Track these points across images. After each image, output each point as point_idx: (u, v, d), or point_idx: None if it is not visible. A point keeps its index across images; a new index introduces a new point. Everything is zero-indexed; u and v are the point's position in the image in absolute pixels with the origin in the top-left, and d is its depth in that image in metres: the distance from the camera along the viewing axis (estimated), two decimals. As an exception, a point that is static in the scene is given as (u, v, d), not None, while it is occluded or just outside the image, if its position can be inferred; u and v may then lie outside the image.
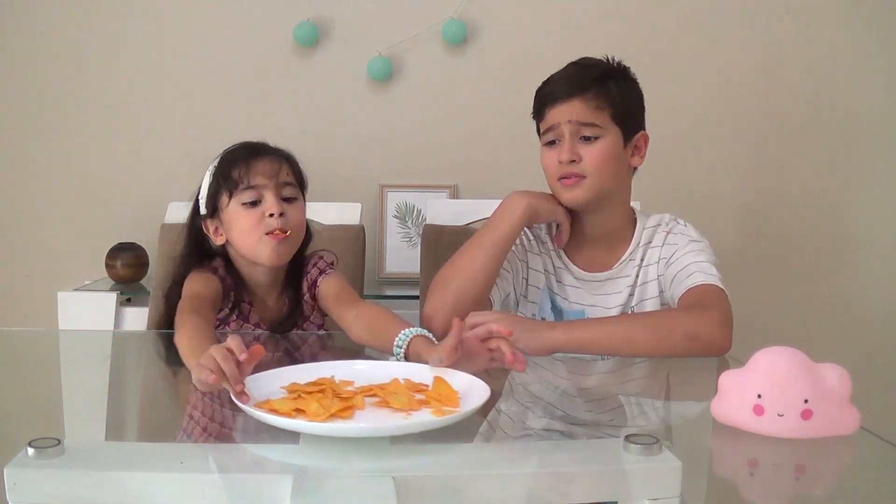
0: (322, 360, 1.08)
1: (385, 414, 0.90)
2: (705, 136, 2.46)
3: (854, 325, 2.52)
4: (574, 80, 1.47)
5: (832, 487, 0.88)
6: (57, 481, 0.71)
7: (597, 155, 1.45)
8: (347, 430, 0.84)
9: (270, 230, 1.40)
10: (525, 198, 1.48)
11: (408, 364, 1.07)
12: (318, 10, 2.38)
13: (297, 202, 1.46)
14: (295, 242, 1.46)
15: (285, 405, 0.88)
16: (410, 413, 0.89)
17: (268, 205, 1.41)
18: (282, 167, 1.45)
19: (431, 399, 0.94)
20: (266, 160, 1.44)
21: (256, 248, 1.42)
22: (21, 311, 2.41)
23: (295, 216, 1.44)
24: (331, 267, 1.55)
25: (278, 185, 1.43)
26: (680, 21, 2.44)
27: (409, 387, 0.98)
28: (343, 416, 0.87)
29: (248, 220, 1.41)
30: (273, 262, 1.44)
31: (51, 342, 1.59)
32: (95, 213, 2.41)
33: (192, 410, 1.07)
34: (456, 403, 0.92)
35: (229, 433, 0.96)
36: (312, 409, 0.86)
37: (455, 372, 1.02)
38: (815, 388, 0.90)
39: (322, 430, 0.83)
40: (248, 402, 0.89)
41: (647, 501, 0.75)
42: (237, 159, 1.44)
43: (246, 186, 1.41)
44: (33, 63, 2.39)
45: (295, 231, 1.44)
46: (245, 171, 1.42)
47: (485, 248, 1.45)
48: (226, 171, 1.44)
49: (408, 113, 2.44)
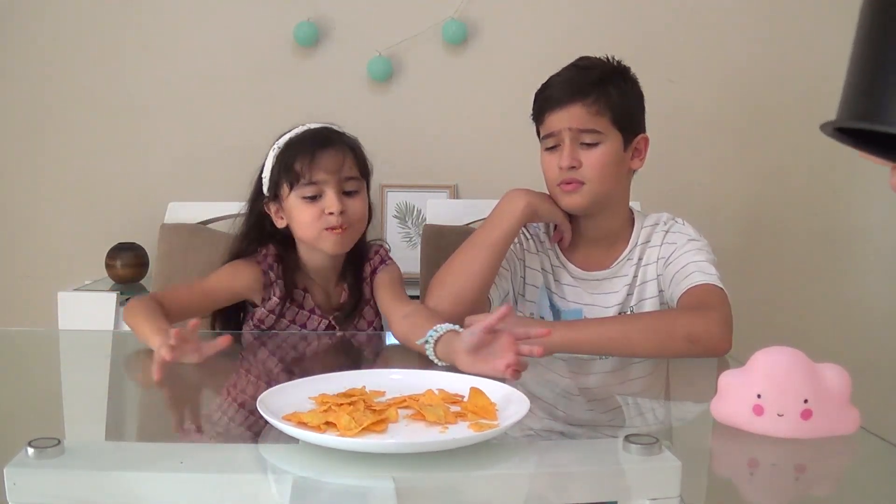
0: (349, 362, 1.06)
1: (420, 428, 0.85)
2: (705, 136, 2.46)
3: (854, 325, 2.52)
4: (574, 84, 1.45)
5: (832, 487, 0.88)
6: (57, 481, 0.71)
7: (596, 161, 1.44)
8: (381, 446, 0.79)
9: (330, 226, 1.42)
10: (524, 197, 1.48)
11: (443, 373, 1.02)
12: (318, 10, 2.38)
13: (359, 195, 1.46)
14: (356, 233, 1.47)
15: (315, 418, 0.83)
16: (447, 427, 0.85)
17: (328, 201, 1.41)
18: (345, 161, 1.44)
19: (468, 411, 0.89)
20: (329, 154, 1.42)
21: (317, 241, 1.44)
22: (21, 311, 2.41)
23: (356, 210, 1.44)
24: (390, 258, 1.57)
25: (340, 181, 1.43)
26: (680, 21, 2.44)
27: (444, 398, 0.93)
28: (376, 430, 0.82)
29: (309, 215, 1.42)
30: (335, 252, 1.46)
31: (51, 342, 1.59)
32: (95, 213, 2.41)
33: (189, 411, 1.08)
34: (494, 416, 0.88)
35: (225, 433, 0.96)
36: (343, 423, 0.81)
37: (492, 382, 0.97)
38: (815, 388, 0.90)
39: (355, 445, 0.77)
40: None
41: (646, 501, 0.75)
42: (300, 152, 1.43)
43: (307, 182, 1.41)
44: (33, 63, 2.39)
45: (356, 224, 1.45)
46: (307, 165, 1.41)
47: (483, 248, 1.45)
48: (288, 162, 1.43)
49: (408, 113, 2.43)
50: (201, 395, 1.20)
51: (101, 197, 2.41)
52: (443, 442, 0.80)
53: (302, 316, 1.50)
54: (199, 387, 1.21)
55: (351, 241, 1.46)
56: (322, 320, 1.51)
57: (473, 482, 0.73)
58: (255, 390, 0.99)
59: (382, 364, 1.44)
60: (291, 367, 1.38)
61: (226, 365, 1.31)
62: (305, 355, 1.44)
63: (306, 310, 1.50)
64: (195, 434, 0.89)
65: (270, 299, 1.47)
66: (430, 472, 0.74)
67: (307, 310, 1.50)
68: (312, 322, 1.50)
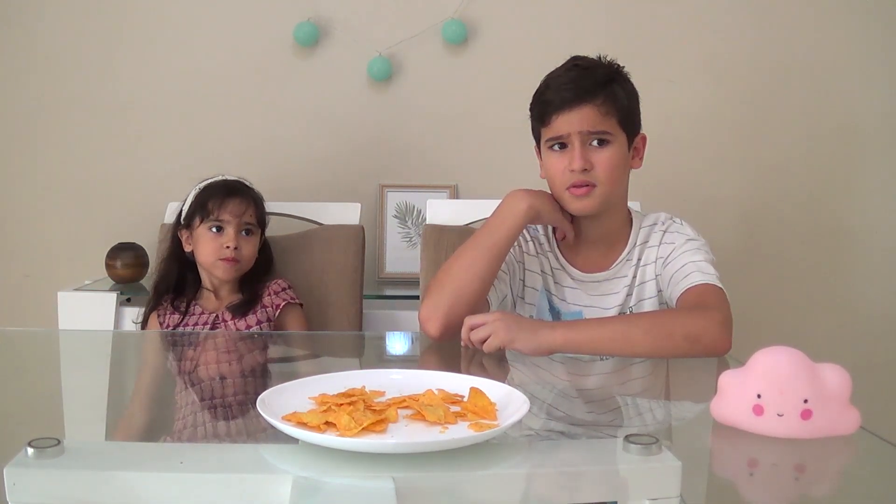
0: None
1: (420, 428, 0.85)
2: (705, 136, 2.46)
3: (854, 325, 2.52)
4: (581, 85, 1.43)
5: (832, 487, 0.88)
6: (57, 481, 0.71)
7: (607, 162, 1.43)
8: (381, 446, 0.79)
9: (225, 257, 1.78)
10: (526, 199, 1.46)
11: (442, 373, 1.02)
12: (318, 10, 2.38)
13: (253, 237, 1.84)
14: (245, 266, 1.83)
15: (314, 418, 0.83)
16: (447, 427, 0.85)
17: (227, 238, 1.79)
18: (247, 209, 1.82)
19: (468, 411, 0.89)
20: (235, 201, 1.80)
21: (213, 267, 1.80)
22: (21, 311, 2.41)
23: (248, 248, 1.82)
24: (295, 300, 1.87)
25: (240, 224, 1.80)
26: (680, 21, 2.44)
27: (443, 398, 0.93)
28: (376, 430, 0.82)
29: (211, 245, 1.79)
30: (225, 278, 1.82)
31: (51, 342, 1.59)
32: (95, 213, 2.41)
33: (188, 412, 1.07)
34: (494, 416, 0.88)
35: (225, 433, 0.96)
36: (343, 423, 0.81)
37: (492, 382, 0.97)
38: (815, 388, 0.90)
39: (354, 445, 0.77)
40: None
41: (646, 501, 0.75)
42: (214, 195, 1.81)
43: (215, 219, 1.79)
44: (33, 63, 2.39)
45: (244, 260, 1.82)
46: (217, 206, 1.79)
47: (483, 251, 1.43)
48: (203, 201, 1.81)
49: (408, 113, 2.44)
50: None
51: (101, 197, 2.41)
52: (443, 442, 0.80)
53: (198, 318, 1.82)
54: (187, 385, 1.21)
55: (239, 271, 1.82)
56: (212, 315, 1.82)
57: (473, 482, 0.73)
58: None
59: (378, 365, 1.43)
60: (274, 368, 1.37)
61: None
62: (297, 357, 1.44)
63: (195, 314, 1.83)
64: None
65: (168, 318, 1.84)
66: (430, 472, 0.74)
67: (196, 314, 1.83)
68: (204, 319, 1.82)
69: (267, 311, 1.83)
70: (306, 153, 2.43)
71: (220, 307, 1.84)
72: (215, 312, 1.82)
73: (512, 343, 1.27)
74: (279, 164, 2.41)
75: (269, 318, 1.82)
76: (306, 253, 2.01)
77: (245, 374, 1.29)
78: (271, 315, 1.83)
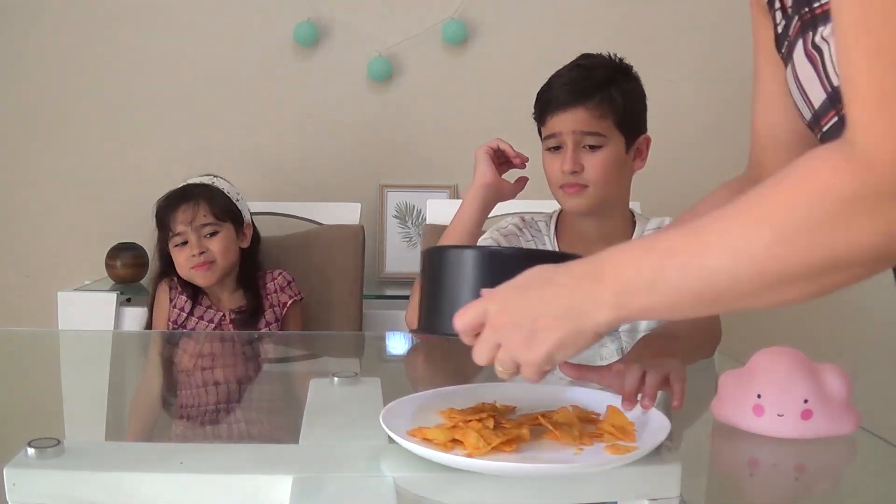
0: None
1: (553, 448, 0.79)
2: (706, 137, 2.46)
3: (854, 325, 2.52)
4: (577, 86, 1.44)
5: (832, 487, 0.88)
6: (57, 481, 0.71)
7: (599, 164, 1.43)
8: (513, 469, 0.74)
9: (195, 265, 1.75)
10: (475, 181, 1.43)
11: (577, 389, 0.95)
12: (318, 10, 2.38)
13: (219, 234, 1.78)
14: (225, 263, 1.78)
15: (441, 434, 0.78)
16: (582, 448, 0.79)
17: (190, 246, 1.76)
18: (198, 211, 1.76)
19: (604, 431, 0.83)
20: (183, 209, 1.76)
21: (191, 277, 1.78)
22: (21, 311, 2.41)
23: (216, 247, 1.77)
24: (299, 296, 1.86)
25: (197, 228, 1.76)
26: (680, 21, 2.44)
27: (578, 415, 0.86)
28: (506, 450, 0.77)
29: (180, 258, 1.77)
30: (206, 284, 1.79)
31: (51, 342, 1.59)
32: (95, 213, 2.41)
33: (188, 412, 1.08)
34: (632, 438, 0.82)
35: (225, 433, 0.96)
36: (472, 442, 0.76)
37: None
38: (815, 388, 0.90)
39: (484, 468, 0.73)
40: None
41: (646, 501, 0.75)
42: (165, 209, 1.79)
43: (174, 233, 1.77)
44: (33, 63, 2.38)
45: (219, 257, 1.77)
46: (171, 220, 1.77)
47: (453, 240, 1.41)
48: (160, 218, 1.80)
49: (408, 113, 2.43)
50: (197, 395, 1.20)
51: (101, 197, 2.41)
52: (578, 466, 0.76)
53: (204, 311, 1.81)
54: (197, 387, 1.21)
55: (218, 272, 1.78)
56: (218, 313, 1.81)
57: (473, 482, 0.73)
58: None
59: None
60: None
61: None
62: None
63: (203, 305, 1.82)
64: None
65: (176, 298, 1.82)
66: (430, 471, 0.74)
67: (204, 306, 1.82)
68: (210, 314, 1.81)
69: (275, 310, 1.83)
70: (306, 153, 2.43)
71: (225, 305, 1.83)
72: (221, 312, 1.82)
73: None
74: (279, 163, 2.41)
75: (277, 318, 1.83)
76: (306, 253, 2.01)
77: (243, 375, 1.29)
78: (278, 314, 1.84)
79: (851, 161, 0.57)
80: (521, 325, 0.71)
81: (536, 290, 0.72)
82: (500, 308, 0.73)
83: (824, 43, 0.74)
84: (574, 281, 0.71)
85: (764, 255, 0.61)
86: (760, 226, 0.61)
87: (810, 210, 0.59)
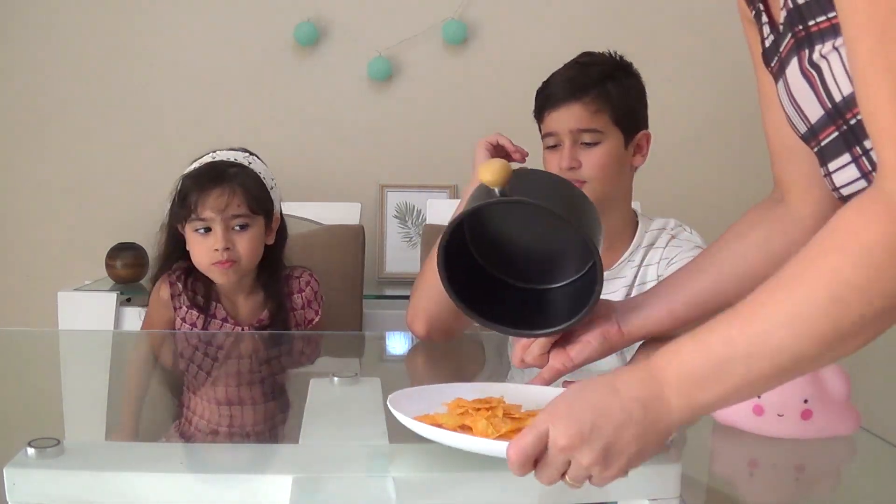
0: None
1: None
2: (707, 137, 2.46)
3: (854, 325, 2.51)
4: (573, 83, 1.45)
5: (832, 487, 0.88)
6: (57, 481, 0.71)
7: (596, 161, 1.44)
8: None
9: (217, 261, 1.50)
10: (475, 176, 1.41)
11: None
12: (318, 10, 2.38)
13: (248, 230, 1.53)
14: (247, 265, 1.55)
15: (450, 420, 0.78)
16: None
17: (215, 238, 1.50)
18: (232, 199, 1.51)
19: None
20: (216, 193, 1.50)
21: (208, 272, 1.54)
22: (21, 311, 2.41)
23: (244, 245, 1.52)
24: (320, 310, 1.65)
25: (227, 218, 1.50)
26: (680, 21, 2.44)
27: None
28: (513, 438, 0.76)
29: (200, 248, 1.52)
30: (223, 283, 1.55)
31: (51, 342, 1.59)
32: (95, 213, 2.41)
33: (187, 413, 1.07)
34: None
35: (225, 433, 0.96)
36: (480, 427, 0.76)
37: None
38: (815, 388, 0.90)
39: (492, 448, 0.72)
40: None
41: (646, 501, 0.75)
42: (192, 188, 1.52)
43: (197, 217, 1.51)
44: (33, 63, 2.38)
45: (244, 258, 1.52)
46: (197, 202, 1.50)
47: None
48: (183, 195, 1.53)
49: (408, 113, 2.43)
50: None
51: (101, 197, 2.41)
52: None
53: (220, 326, 1.57)
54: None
55: (239, 273, 1.54)
56: (236, 328, 1.57)
57: (473, 482, 0.73)
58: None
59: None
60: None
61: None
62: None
63: (219, 319, 1.57)
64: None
65: (181, 308, 1.57)
66: (430, 471, 0.74)
67: (220, 319, 1.57)
68: (227, 330, 1.57)
69: (299, 328, 1.64)
70: (306, 153, 2.43)
71: (242, 316, 1.60)
72: (240, 327, 1.58)
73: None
74: (279, 164, 2.40)
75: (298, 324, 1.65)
76: (306, 253, 2.00)
77: (243, 374, 1.29)
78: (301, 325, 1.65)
79: (890, 209, 0.60)
80: (594, 446, 0.67)
81: (602, 414, 0.68)
82: (565, 431, 0.68)
83: (823, 60, 0.74)
84: (637, 403, 0.69)
85: (823, 326, 0.63)
86: (813, 295, 0.63)
87: (858, 268, 0.61)
